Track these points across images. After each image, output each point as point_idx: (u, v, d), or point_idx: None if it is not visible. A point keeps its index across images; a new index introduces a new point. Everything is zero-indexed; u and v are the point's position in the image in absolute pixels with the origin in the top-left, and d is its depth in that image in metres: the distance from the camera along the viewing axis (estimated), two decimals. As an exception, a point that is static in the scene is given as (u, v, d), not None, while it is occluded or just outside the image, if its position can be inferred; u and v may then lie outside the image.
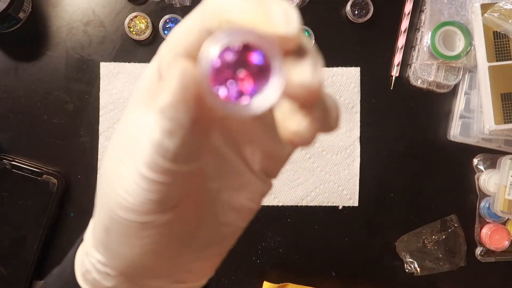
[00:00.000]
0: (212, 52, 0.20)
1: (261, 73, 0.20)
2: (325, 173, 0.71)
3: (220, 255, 0.29)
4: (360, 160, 0.71)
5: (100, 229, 0.25)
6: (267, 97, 0.20)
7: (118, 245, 0.25)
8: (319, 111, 0.21)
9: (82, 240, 0.28)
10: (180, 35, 0.22)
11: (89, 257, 0.27)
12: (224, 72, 0.20)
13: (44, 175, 0.66)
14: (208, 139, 0.24)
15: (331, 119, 0.23)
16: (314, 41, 0.69)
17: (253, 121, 0.26)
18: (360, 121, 0.71)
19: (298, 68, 0.20)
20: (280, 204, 0.70)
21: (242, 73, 0.20)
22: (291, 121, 0.21)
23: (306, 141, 0.21)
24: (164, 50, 0.23)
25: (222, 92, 0.20)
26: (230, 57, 0.20)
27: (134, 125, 0.23)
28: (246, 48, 0.20)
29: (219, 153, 0.26)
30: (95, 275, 0.27)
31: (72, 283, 0.28)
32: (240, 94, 0.20)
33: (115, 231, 0.24)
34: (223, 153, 0.26)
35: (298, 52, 0.20)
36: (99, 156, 0.68)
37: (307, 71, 0.20)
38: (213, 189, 0.26)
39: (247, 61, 0.20)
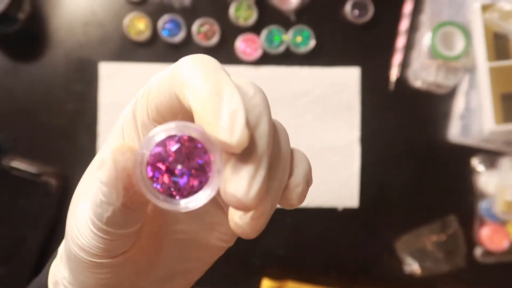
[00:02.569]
0: (154, 142, 0.20)
1: (200, 169, 0.20)
2: (325, 173, 0.71)
3: (187, 286, 0.28)
4: (360, 160, 0.71)
5: (65, 254, 0.26)
6: (197, 199, 0.20)
7: (77, 273, 0.25)
8: (266, 205, 0.21)
9: (57, 252, 0.29)
10: (153, 87, 0.22)
11: (59, 272, 0.28)
12: (164, 162, 0.20)
13: (44, 176, 0.66)
14: (145, 211, 0.23)
15: (292, 198, 0.22)
16: (315, 41, 0.69)
17: None
18: (360, 121, 0.71)
19: (233, 178, 0.20)
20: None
21: (179, 167, 0.20)
22: (233, 213, 0.21)
23: (249, 234, 0.21)
24: (141, 93, 0.23)
25: (157, 184, 0.20)
26: (173, 147, 0.20)
27: (92, 169, 0.24)
28: (191, 140, 0.20)
29: None
30: None
31: None
32: (176, 186, 0.20)
33: (73, 261, 0.25)
34: None
35: (243, 156, 0.20)
36: (99, 157, 0.68)
37: (241, 184, 0.19)
38: (179, 230, 0.26)
39: (188, 153, 0.20)
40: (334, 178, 0.71)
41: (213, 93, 0.20)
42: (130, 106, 0.24)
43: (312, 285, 0.69)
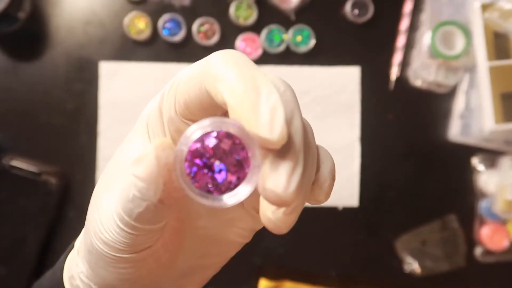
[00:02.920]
0: (192, 139, 0.20)
1: (238, 165, 0.20)
2: (325, 173, 0.70)
3: (203, 281, 0.29)
4: (360, 159, 0.71)
5: (84, 248, 0.26)
6: (238, 195, 0.20)
7: (98, 267, 0.25)
8: (299, 200, 0.21)
9: (73, 246, 0.29)
10: (182, 82, 0.22)
11: (75, 266, 0.27)
12: (202, 158, 0.20)
13: (44, 175, 0.66)
14: (176, 207, 0.24)
15: (320, 194, 0.23)
16: (315, 40, 0.69)
17: None
18: (360, 121, 0.71)
19: (273, 174, 0.20)
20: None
21: (217, 163, 0.20)
22: (266, 208, 0.21)
23: (281, 229, 0.21)
24: (169, 88, 0.23)
25: (194, 180, 0.20)
26: (211, 143, 0.20)
27: (126, 157, 0.24)
28: (229, 136, 0.20)
29: None
30: (79, 283, 0.27)
31: (61, 286, 0.29)
32: (214, 182, 0.20)
33: (94, 256, 0.25)
34: None
35: (281, 152, 0.20)
36: (99, 156, 0.68)
37: (281, 180, 0.19)
38: (200, 226, 0.26)
39: (226, 149, 0.20)
40: (334, 178, 0.71)
41: (250, 89, 0.19)
42: (155, 101, 0.24)
43: (310, 285, 0.69)
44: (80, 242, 0.28)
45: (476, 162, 0.71)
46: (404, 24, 0.71)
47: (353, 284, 0.71)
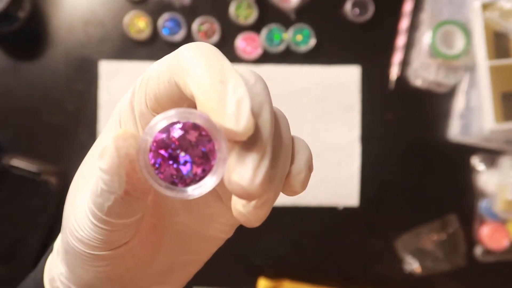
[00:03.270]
0: (157, 128, 0.19)
1: (204, 157, 0.20)
2: (325, 173, 0.70)
3: (185, 278, 0.28)
4: (360, 159, 0.71)
5: (62, 248, 0.26)
6: (203, 187, 0.20)
7: (75, 267, 0.25)
8: (269, 193, 0.21)
9: (52, 248, 0.29)
10: (152, 76, 0.22)
11: (55, 267, 0.27)
12: (167, 149, 0.20)
13: (44, 175, 0.66)
14: (147, 200, 0.23)
15: (296, 185, 0.22)
16: (315, 40, 0.69)
17: None
18: (360, 121, 0.71)
19: (238, 166, 0.19)
20: (280, 204, 0.70)
21: (183, 155, 0.20)
22: (237, 202, 0.21)
23: (252, 223, 0.21)
24: (139, 83, 0.23)
25: (159, 171, 0.20)
26: (176, 134, 0.20)
27: (91, 158, 0.24)
28: (196, 127, 0.20)
29: None
30: (59, 285, 0.27)
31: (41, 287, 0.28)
32: (179, 174, 0.20)
33: (71, 255, 0.25)
34: None
35: (248, 144, 0.20)
36: (99, 156, 0.68)
37: (246, 173, 0.19)
38: (179, 222, 0.26)
39: (192, 142, 0.20)
40: (334, 177, 0.71)
41: (217, 81, 0.19)
42: (127, 96, 0.24)
43: (309, 284, 0.69)
44: (58, 244, 0.28)
45: (476, 162, 0.71)
46: (404, 24, 0.71)
47: (353, 284, 0.71)
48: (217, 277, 0.69)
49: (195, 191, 0.20)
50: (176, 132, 0.20)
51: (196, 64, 0.20)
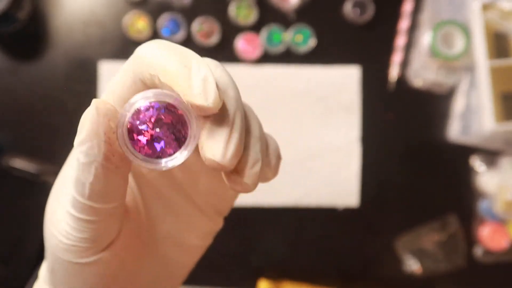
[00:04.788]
0: (135, 105, 0.21)
1: (176, 140, 0.22)
2: (325, 173, 0.70)
3: None
4: (360, 160, 0.71)
5: (47, 271, 0.26)
6: (175, 159, 0.22)
7: (63, 284, 0.25)
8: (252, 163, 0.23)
9: (36, 277, 0.29)
10: (116, 84, 0.23)
11: None
12: (142, 125, 0.21)
13: (44, 175, 0.66)
14: (126, 180, 0.24)
15: (268, 172, 0.24)
16: (315, 40, 0.69)
17: (192, 165, 0.27)
18: (360, 121, 0.71)
19: (210, 142, 0.21)
20: (280, 204, 0.70)
21: (158, 130, 0.21)
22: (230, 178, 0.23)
23: (250, 188, 0.23)
24: (102, 99, 0.24)
25: (136, 143, 0.22)
26: (151, 113, 0.21)
27: (66, 166, 0.25)
28: (170, 106, 0.21)
29: (162, 195, 0.27)
30: None
31: None
32: (153, 150, 0.22)
33: (58, 271, 0.25)
34: (168, 195, 0.27)
35: (216, 122, 0.21)
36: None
37: (218, 148, 0.21)
38: (159, 229, 0.27)
39: (168, 123, 0.22)
40: (334, 178, 0.71)
41: (182, 66, 0.21)
42: (92, 107, 0.24)
43: (309, 285, 0.69)
44: (43, 270, 0.28)
45: (476, 162, 0.71)
46: (404, 24, 0.71)
47: (353, 285, 0.71)
48: (217, 277, 0.69)
49: (168, 163, 0.21)
50: (152, 112, 0.21)
51: (158, 57, 0.21)
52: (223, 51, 0.69)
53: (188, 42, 0.69)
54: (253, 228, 0.70)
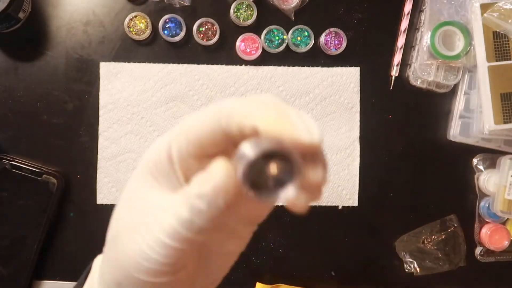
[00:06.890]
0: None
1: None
2: (325, 173, 0.70)
3: None
4: (360, 160, 0.71)
5: (111, 283, 0.28)
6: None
7: None
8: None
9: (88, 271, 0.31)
10: (194, 125, 0.25)
11: None
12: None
13: (44, 175, 0.66)
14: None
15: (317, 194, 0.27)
16: (314, 40, 0.69)
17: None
18: (360, 121, 0.71)
19: (314, 172, 0.24)
20: (280, 204, 0.70)
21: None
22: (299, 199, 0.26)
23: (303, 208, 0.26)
24: (177, 133, 0.26)
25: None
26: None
27: (148, 202, 0.26)
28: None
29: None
30: None
31: None
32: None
33: (127, 286, 0.26)
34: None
35: (313, 155, 0.24)
36: (99, 156, 0.68)
37: (321, 174, 0.24)
38: (209, 243, 0.29)
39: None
40: (334, 178, 0.71)
41: (281, 114, 0.23)
42: (158, 148, 0.27)
43: None
44: (100, 277, 0.29)
45: (476, 162, 0.72)
46: (404, 24, 0.71)
47: (353, 284, 0.71)
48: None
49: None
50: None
51: (254, 108, 0.24)
52: (223, 52, 0.69)
53: (188, 43, 0.69)
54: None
